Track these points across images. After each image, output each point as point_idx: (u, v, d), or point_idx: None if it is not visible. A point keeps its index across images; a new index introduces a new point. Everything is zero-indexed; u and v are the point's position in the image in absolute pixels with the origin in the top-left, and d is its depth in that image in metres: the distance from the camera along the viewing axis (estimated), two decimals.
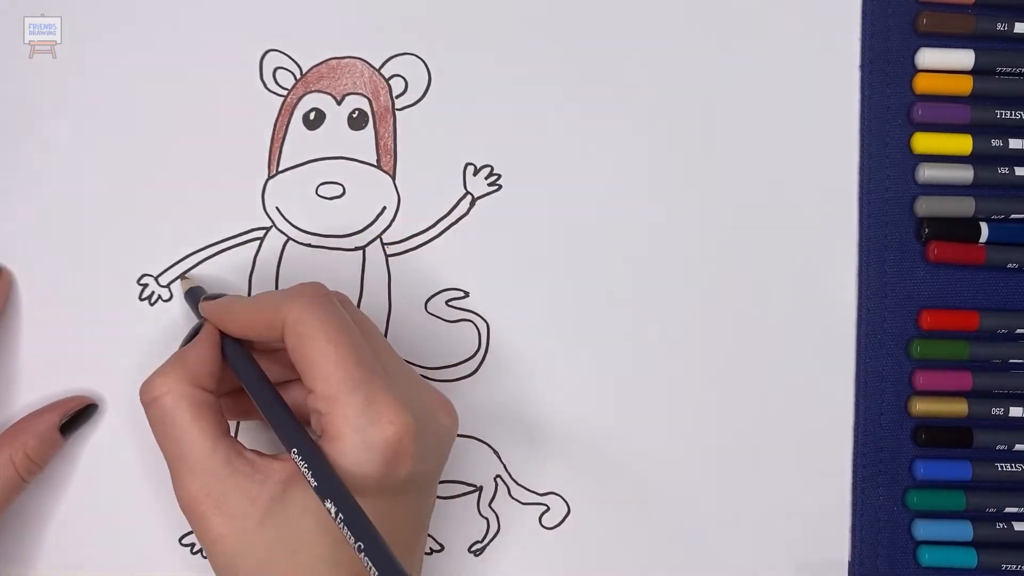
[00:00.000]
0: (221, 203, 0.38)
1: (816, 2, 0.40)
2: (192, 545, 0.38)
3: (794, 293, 0.40)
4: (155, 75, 0.38)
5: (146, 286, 0.38)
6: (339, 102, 0.39)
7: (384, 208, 0.39)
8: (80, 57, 0.38)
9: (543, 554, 0.39)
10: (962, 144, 0.40)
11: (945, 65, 0.40)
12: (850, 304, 0.40)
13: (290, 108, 0.38)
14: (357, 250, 0.38)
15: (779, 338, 0.40)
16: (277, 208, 0.38)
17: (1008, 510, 0.40)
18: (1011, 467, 0.39)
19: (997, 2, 0.40)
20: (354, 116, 0.39)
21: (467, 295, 0.39)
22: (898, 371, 0.40)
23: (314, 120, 0.38)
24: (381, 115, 0.39)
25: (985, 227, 0.40)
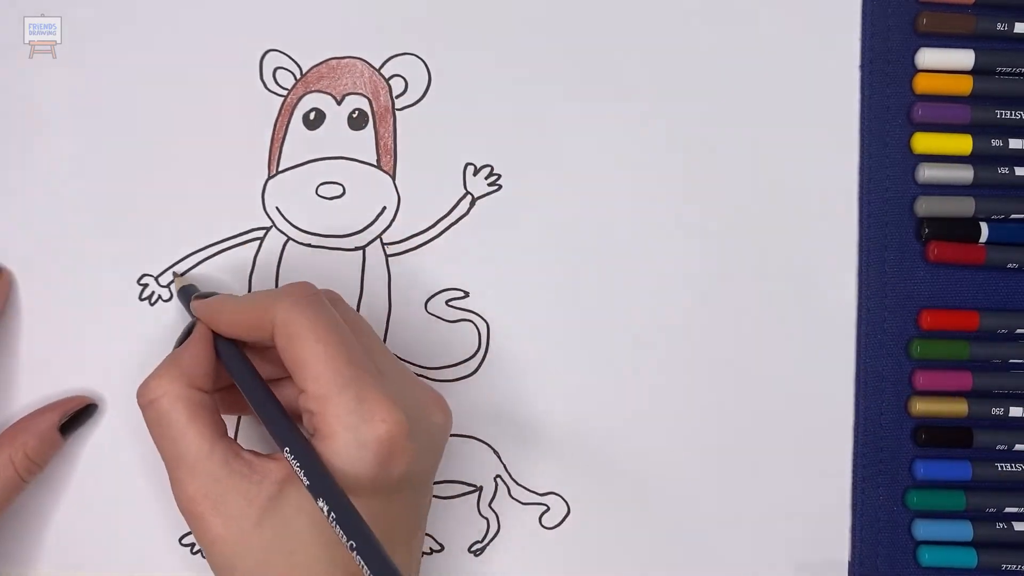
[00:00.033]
0: (221, 203, 0.38)
1: (816, 2, 0.40)
2: (192, 545, 0.38)
3: (794, 293, 0.40)
4: (155, 75, 0.38)
5: (146, 286, 0.38)
6: (339, 102, 0.39)
7: (384, 208, 0.39)
8: (80, 57, 0.38)
9: (543, 554, 0.39)
10: (962, 144, 0.40)
11: (945, 65, 0.40)
12: (850, 304, 0.40)
13: (290, 108, 0.38)
14: (357, 250, 0.38)
15: (779, 338, 0.40)
16: (277, 208, 0.38)
17: (1008, 510, 0.40)
18: (1011, 467, 0.39)
19: (997, 2, 0.40)
20: (354, 116, 0.39)
21: (467, 295, 0.39)
22: (898, 371, 0.40)
23: (314, 120, 0.38)
24: (381, 115, 0.39)
25: (985, 227, 0.40)
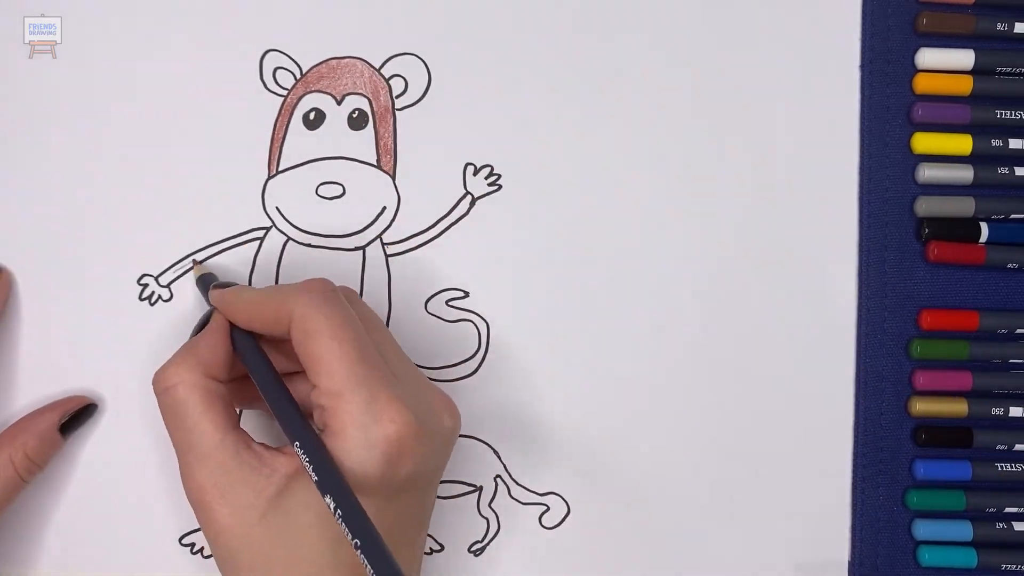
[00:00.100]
0: (221, 203, 0.38)
1: (816, 2, 0.40)
2: (192, 545, 0.38)
3: (794, 293, 0.40)
4: (155, 75, 0.38)
5: (146, 286, 0.38)
6: (339, 102, 0.39)
7: (384, 208, 0.39)
8: (80, 57, 0.38)
9: (543, 554, 0.39)
10: (962, 144, 0.40)
11: (945, 65, 0.40)
12: (850, 304, 0.40)
13: (290, 108, 0.38)
14: (357, 250, 0.38)
15: (779, 338, 0.40)
16: (277, 208, 0.38)
17: (1008, 510, 0.40)
18: (1011, 467, 0.40)
19: (997, 2, 0.40)
20: (354, 116, 0.39)
21: (467, 295, 0.39)
22: (898, 371, 0.40)
23: (314, 120, 0.38)
24: (381, 115, 0.39)
25: (985, 227, 0.40)
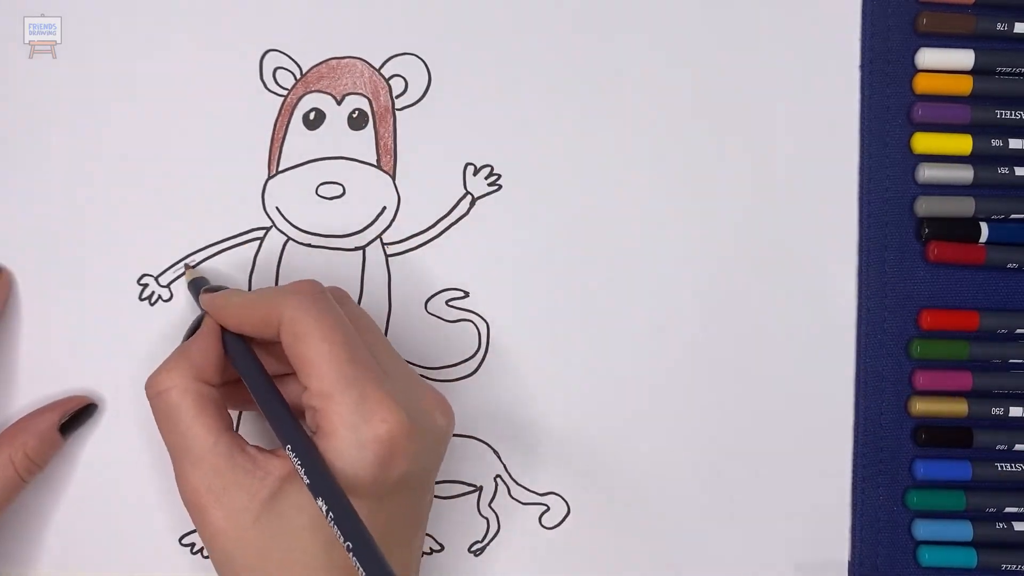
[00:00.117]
0: (221, 203, 0.38)
1: (816, 2, 0.40)
2: (192, 545, 0.38)
3: (794, 293, 0.40)
4: (155, 75, 0.38)
5: (146, 286, 0.38)
6: (339, 102, 0.39)
7: (384, 208, 0.39)
8: (80, 57, 0.38)
9: (543, 554, 0.39)
10: (962, 144, 0.40)
11: (945, 65, 0.40)
12: (850, 304, 0.40)
13: (290, 108, 0.38)
14: (357, 250, 0.38)
15: (779, 338, 0.40)
16: (277, 208, 0.38)
17: (1008, 510, 0.40)
18: (1011, 467, 0.40)
19: (997, 2, 0.40)
20: (354, 116, 0.39)
21: (467, 295, 0.39)
22: (898, 371, 0.40)
23: (314, 120, 0.38)
24: (381, 115, 0.39)
25: (985, 227, 0.40)
